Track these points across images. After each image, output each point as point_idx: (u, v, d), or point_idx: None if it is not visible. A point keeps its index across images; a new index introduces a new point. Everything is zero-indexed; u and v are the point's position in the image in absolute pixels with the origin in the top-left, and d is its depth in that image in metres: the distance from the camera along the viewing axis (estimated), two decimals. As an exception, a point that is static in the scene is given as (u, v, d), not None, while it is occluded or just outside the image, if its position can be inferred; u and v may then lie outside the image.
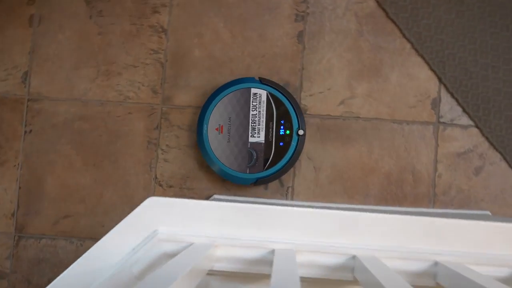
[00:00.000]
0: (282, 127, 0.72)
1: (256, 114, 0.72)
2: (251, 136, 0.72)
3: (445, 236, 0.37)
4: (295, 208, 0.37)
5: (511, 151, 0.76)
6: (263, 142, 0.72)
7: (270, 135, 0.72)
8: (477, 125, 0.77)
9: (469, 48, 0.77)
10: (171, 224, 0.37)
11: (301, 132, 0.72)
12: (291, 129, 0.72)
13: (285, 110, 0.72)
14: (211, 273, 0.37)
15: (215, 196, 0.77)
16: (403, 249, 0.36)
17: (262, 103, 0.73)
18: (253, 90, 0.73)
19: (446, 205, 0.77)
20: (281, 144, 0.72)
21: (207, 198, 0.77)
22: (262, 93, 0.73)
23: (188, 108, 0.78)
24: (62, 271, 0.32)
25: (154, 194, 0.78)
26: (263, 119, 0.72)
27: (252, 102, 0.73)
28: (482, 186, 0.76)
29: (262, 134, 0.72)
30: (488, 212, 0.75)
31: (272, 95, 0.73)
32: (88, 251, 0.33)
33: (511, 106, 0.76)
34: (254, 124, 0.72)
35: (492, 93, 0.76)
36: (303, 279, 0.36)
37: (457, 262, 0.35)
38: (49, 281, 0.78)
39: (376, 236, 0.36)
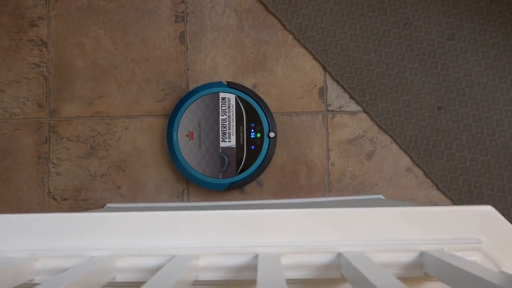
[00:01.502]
0: (252, 130, 0.72)
1: (226, 118, 0.72)
2: (222, 141, 0.71)
3: (344, 225, 0.36)
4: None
5: (400, 133, 0.76)
6: (235, 146, 0.71)
7: (241, 139, 0.71)
8: (365, 110, 0.77)
9: (350, 34, 0.77)
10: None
11: (272, 134, 0.71)
12: (261, 132, 0.72)
13: (254, 113, 0.72)
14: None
15: (108, 205, 0.76)
16: (304, 243, 0.35)
17: (231, 107, 0.72)
18: (222, 95, 0.72)
19: (342, 193, 0.76)
20: (253, 147, 0.71)
21: (102, 207, 0.76)
22: (231, 97, 0.72)
23: (76, 119, 0.77)
24: None
25: (48, 209, 0.77)
26: (233, 123, 0.72)
27: (221, 106, 0.72)
28: (376, 170, 0.76)
29: (233, 138, 0.71)
30: (381, 196, 0.75)
31: (240, 99, 0.72)
32: None
33: (396, 88, 0.76)
34: (225, 129, 0.72)
35: (376, 77, 0.76)
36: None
37: (359, 251, 0.35)
38: None
39: (276, 232, 0.36)
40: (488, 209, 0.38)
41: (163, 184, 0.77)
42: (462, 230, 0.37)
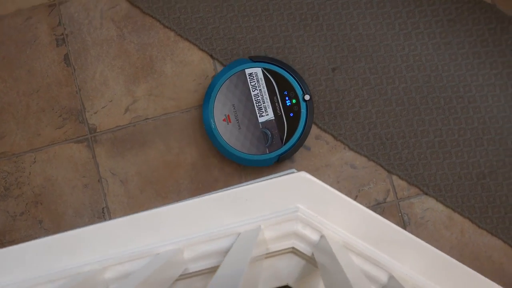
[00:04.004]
0: (287, 98, 0.70)
1: (257, 93, 0.70)
2: (260, 116, 0.70)
3: (159, 226, 0.36)
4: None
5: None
6: (273, 118, 0.70)
7: (278, 109, 0.70)
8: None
9: (230, 16, 0.76)
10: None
11: (307, 97, 0.69)
12: (296, 97, 0.70)
13: (284, 81, 0.70)
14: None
15: None
16: (121, 253, 0.35)
17: (260, 80, 0.70)
18: (248, 71, 0.71)
19: (257, 175, 0.75)
20: (291, 114, 0.70)
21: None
22: (257, 71, 0.71)
23: (-17, 164, 0.77)
24: None
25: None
26: (266, 96, 0.70)
27: (250, 82, 0.71)
28: (286, 145, 0.75)
29: (270, 110, 0.70)
30: (294, 170, 0.74)
31: (267, 70, 0.70)
32: None
33: (286, 58, 0.75)
34: (259, 104, 0.70)
35: (265, 52, 0.75)
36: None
37: (174, 249, 0.35)
38: None
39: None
40: (301, 175, 0.36)
41: (82, 208, 0.76)
42: (281, 201, 0.36)
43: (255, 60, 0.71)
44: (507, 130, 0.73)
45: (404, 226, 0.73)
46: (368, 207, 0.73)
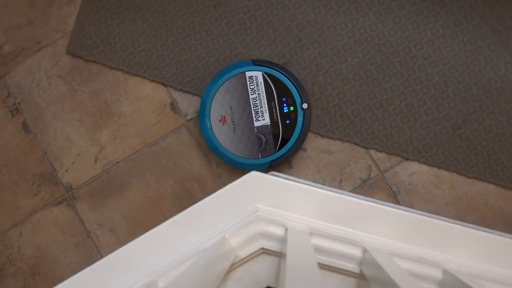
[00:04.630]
0: (284, 104, 0.70)
1: (256, 97, 0.70)
2: (256, 121, 0.70)
3: None
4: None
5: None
6: (269, 123, 0.70)
7: (275, 115, 0.70)
8: (221, 101, 0.75)
9: (171, 41, 0.76)
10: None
11: (305, 105, 0.69)
12: (294, 105, 0.70)
13: (284, 87, 0.70)
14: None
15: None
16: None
17: (259, 84, 0.70)
18: (248, 74, 0.70)
19: (240, 187, 0.75)
20: (288, 122, 0.70)
21: (37, 318, 0.75)
22: (258, 75, 0.70)
23: (-28, 251, 0.76)
24: None
25: None
26: (264, 101, 0.70)
27: (250, 85, 0.70)
28: (260, 150, 0.75)
29: (267, 116, 0.70)
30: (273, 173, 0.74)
31: (268, 75, 0.70)
32: None
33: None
34: (257, 108, 0.70)
35: (213, 70, 0.75)
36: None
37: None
38: None
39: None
40: (251, 175, 0.36)
41: (78, 267, 0.75)
42: (239, 206, 0.36)
43: (256, 63, 0.71)
44: (468, 75, 0.72)
45: (395, 196, 0.72)
46: (355, 187, 0.73)
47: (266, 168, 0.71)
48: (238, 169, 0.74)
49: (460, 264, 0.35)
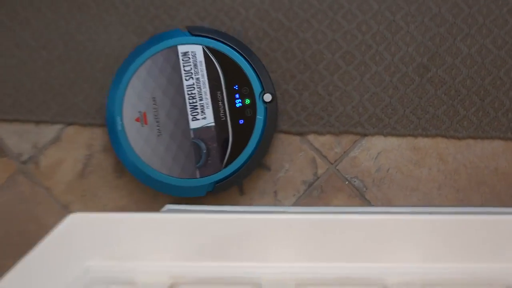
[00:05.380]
0: (237, 95, 0.47)
1: (193, 84, 0.47)
2: (192, 120, 0.46)
3: None
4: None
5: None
6: (213, 124, 0.46)
7: (222, 111, 0.46)
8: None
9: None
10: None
11: (268, 97, 0.47)
12: (251, 96, 0.47)
13: (237, 69, 0.47)
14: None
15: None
16: None
17: (198, 65, 0.47)
18: (181, 48, 0.47)
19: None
20: (241, 121, 0.47)
21: None
22: (196, 50, 0.47)
23: None
24: None
25: None
26: (206, 89, 0.46)
27: (184, 66, 0.47)
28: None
29: (209, 112, 0.46)
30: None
31: (211, 50, 0.47)
32: None
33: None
34: (194, 100, 0.47)
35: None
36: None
37: None
38: None
39: None
40: (71, 219, 0.25)
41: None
42: (59, 274, 0.25)
43: (194, 33, 0.48)
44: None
45: (361, 195, 0.52)
46: (299, 197, 0.52)
47: (207, 193, 0.48)
48: (162, 194, 0.51)
49: (408, 272, 0.24)
